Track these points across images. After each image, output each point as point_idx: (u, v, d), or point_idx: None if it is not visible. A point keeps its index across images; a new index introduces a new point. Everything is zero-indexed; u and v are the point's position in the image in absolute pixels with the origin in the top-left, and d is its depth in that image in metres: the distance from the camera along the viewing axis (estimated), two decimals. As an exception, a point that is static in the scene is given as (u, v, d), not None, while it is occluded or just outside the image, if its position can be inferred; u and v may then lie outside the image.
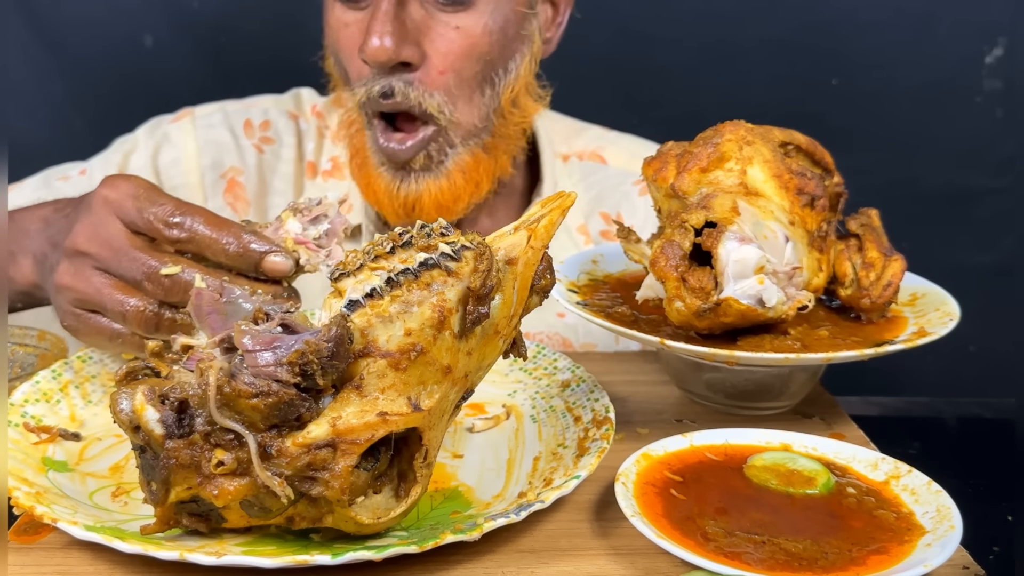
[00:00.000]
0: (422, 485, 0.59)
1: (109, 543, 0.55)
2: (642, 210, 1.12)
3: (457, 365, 0.57)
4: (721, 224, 0.70)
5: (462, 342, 0.57)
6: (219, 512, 0.57)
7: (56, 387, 0.75)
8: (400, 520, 0.59)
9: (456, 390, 0.59)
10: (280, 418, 0.54)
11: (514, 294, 0.59)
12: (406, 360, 0.55)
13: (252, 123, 1.16)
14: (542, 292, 0.62)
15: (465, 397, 0.62)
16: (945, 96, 1.59)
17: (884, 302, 0.76)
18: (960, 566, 0.60)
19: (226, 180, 1.13)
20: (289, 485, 0.54)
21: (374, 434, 0.55)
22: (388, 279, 0.56)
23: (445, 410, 0.59)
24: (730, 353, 0.70)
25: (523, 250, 0.59)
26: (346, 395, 0.55)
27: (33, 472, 0.65)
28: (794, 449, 0.67)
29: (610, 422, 0.69)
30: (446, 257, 0.56)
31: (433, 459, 0.60)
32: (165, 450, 0.55)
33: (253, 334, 0.55)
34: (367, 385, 0.55)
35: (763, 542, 0.57)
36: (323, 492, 0.54)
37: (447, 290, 0.56)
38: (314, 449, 0.54)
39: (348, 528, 0.57)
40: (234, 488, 0.54)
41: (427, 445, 0.58)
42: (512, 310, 0.59)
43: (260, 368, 0.53)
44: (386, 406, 0.55)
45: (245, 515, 0.56)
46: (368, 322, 0.55)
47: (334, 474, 0.54)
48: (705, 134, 0.78)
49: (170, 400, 0.55)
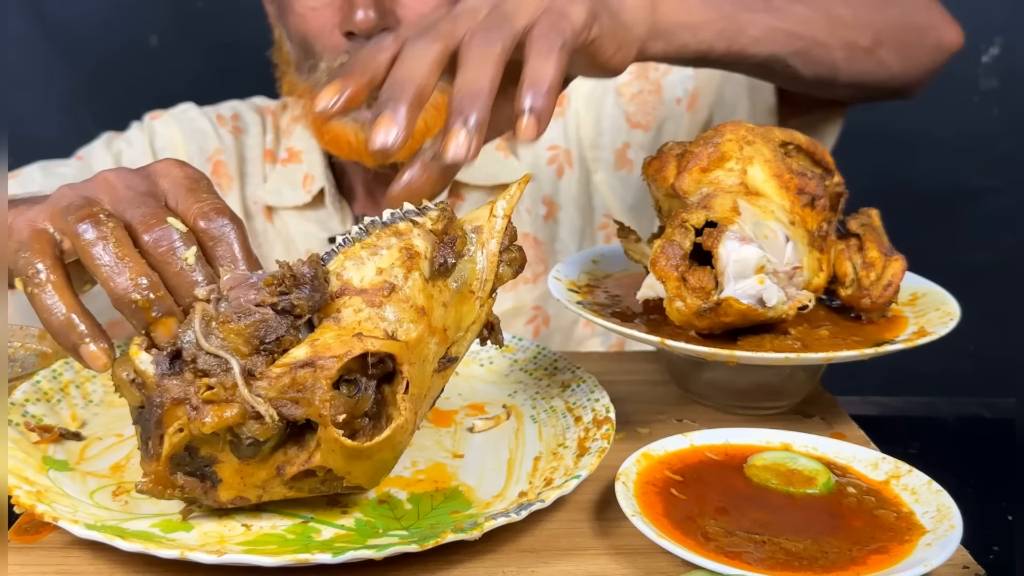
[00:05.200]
0: (405, 418, 0.58)
1: (110, 541, 0.55)
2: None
3: (432, 311, 0.60)
4: (721, 224, 0.70)
5: (434, 288, 0.61)
6: (213, 470, 0.58)
7: (57, 387, 0.75)
8: (385, 450, 0.59)
9: (435, 341, 0.61)
10: (260, 339, 0.56)
11: (483, 258, 0.63)
12: (380, 296, 0.59)
13: (223, 116, 1.25)
14: (513, 264, 0.65)
15: (450, 360, 0.63)
16: (943, 95, 1.59)
17: (884, 302, 0.76)
18: (960, 566, 0.60)
19: (212, 163, 1.21)
20: (272, 412, 0.56)
21: (350, 350, 0.57)
22: (358, 229, 0.61)
23: (425, 357, 0.60)
24: (730, 353, 0.70)
25: (487, 219, 0.64)
26: (325, 326, 0.58)
27: (34, 471, 0.65)
28: (794, 449, 0.67)
29: (610, 422, 0.70)
30: (411, 212, 0.62)
31: (415, 395, 0.60)
32: (158, 388, 0.56)
33: (234, 275, 0.59)
34: (344, 318, 0.58)
35: (763, 542, 0.57)
36: (306, 413, 0.56)
37: (414, 237, 0.60)
38: (295, 369, 0.56)
39: (335, 462, 0.58)
40: (222, 416, 0.55)
41: (407, 378, 0.58)
42: (484, 274, 0.63)
43: (240, 299, 0.57)
44: (363, 330, 0.58)
45: (238, 470, 0.58)
46: (341, 265, 0.60)
47: (314, 392, 0.56)
48: (706, 134, 0.78)
49: (163, 347, 0.58)
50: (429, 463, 0.70)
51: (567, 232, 1.21)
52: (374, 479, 0.62)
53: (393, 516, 0.63)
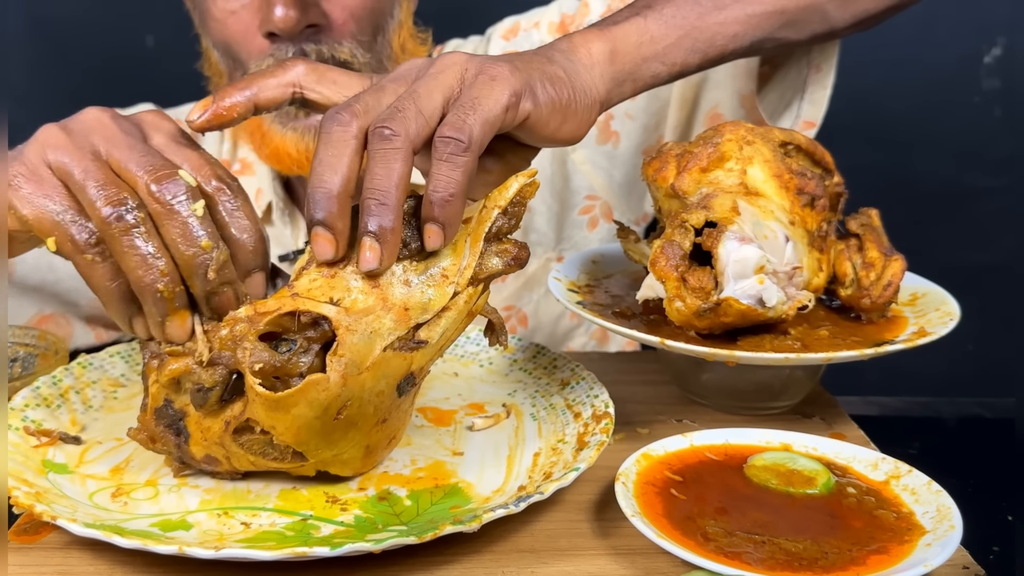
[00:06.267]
0: (328, 377, 0.59)
1: (108, 539, 0.55)
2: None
3: (391, 287, 0.61)
4: (721, 224, 0.70)
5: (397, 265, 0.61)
6: (184, 424, 0.63)
7: (56, 392, 0.75)
8: (300, 403, 0.59)
9: (391, 318, 0.60)
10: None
11: (466, 247, 0.63)
12: (336, 268, 0.61)
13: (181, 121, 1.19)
14: (504, 255, 0.64)
15: (418, 343, 0.62)
16: (944, 95, 1.59)
17: (884, 302, 0.76)
18: (960, 566, 0.60)
19: None
20: (216, 363, 0.60)
21: (280, 307, 0.59)
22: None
23: (375, 329, 0.60)
24: (730, 353, 0.70)
25: (477, 210, 0.64)
26: (281, 291, 0.61)
27: (33, 474, 0.65)
28: (794, 449, 0.67)
29: (609, 416, 0.70)
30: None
31: (351, 360, 0.59)
32: (143, 347, 0.63)
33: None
34: (298, 283, 0.61)
35: (763, 542, 0.57)
36: (235, 363, 0.60)
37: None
38: (236, 324, 0.60)
39: (258, 413, 0.60)
40: (176, 365, 0.62)
41: (339, 340, 0.59)
42: (464, 261, 0.63)
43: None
44: (303, 294, 0.60)
45: (198, 423, 0.63)
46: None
47: (245, 342, 0.59)
48: (705, 134, 0.78)
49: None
50: (429, 461, 0.70)
51: (543, 220, 1.14)
52: (306, 444, 0.61)
53: (392, 512, 0.63)
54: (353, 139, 0.58)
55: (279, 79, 0.64)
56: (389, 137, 0.57)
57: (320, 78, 0.65)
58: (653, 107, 1.11)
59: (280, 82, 0.64)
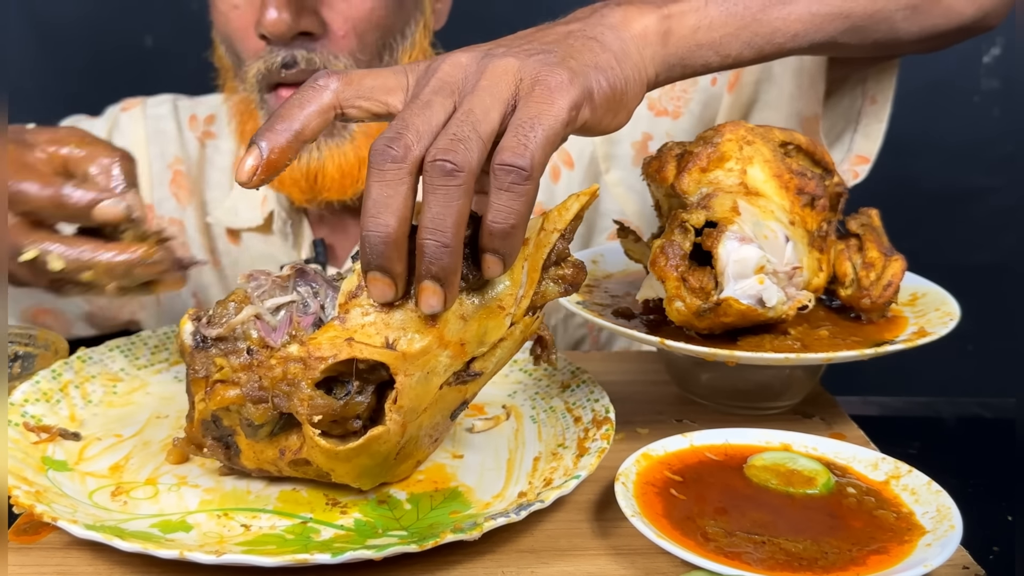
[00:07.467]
0: (388, 428, 0.58)
1: (109, 542, 0.55)
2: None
3: (446, 324, 0.58)
4: (721, 224, 0.70)
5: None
6: (235, 440, 0.63)
7: (56, 387, 0.75)
8: (362, 456, 0.59)
9: (448, 354, 0.58)
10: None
11: (523, 274, 0.60)
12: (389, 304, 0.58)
13: (197, 117, 1.18)
14: (561, 281, 0.63)
15: (472, 375, 0.61)
16: (944, 96, 1.59)
17: (884, 302, 0.76)
18: (960, 566, 0.60)
19: (172, 171, 1.15)
20: (268, 400, 0.59)
21: (337, 355, 0.57)
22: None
23: (432, 369, 0.58)
24: (730, 353, 0.70)
25: (535, 231, 0.61)
26: (329, 325, 0.59)
27: (33, 471, 0.65)
28: (794, 449, 0.67)
29: (610, 422, 0.69)
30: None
31: (409, 407, 0.59)
32: (189, 359, 0.62)
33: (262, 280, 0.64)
34: (350, 319, 0.58)
35: (763, 542, 0.57)
36: (289, 407, 0.58)
37: None
38: (288, 363, 0.58)
39: (317, 458, 0.60)
40: (225, 395, 0.60)
41: (398, 389, 0.58)
42: (521, 290, 0.60)
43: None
44: (359, 337, 0.58)
45: (251, 444, 0.62)
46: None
47: (300, 389, 0.58)
48: (705, 134, 0.78)
49: (207, 318, 0.63)
50: (429, 463, 0.70)
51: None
52: (362, 481, 0.62)
53: (392, 516, 0.63)
54: (408, 176, 0.53)
55: (318, 105, 0.58)
56: (452, 172, 0.52)
57: (358, 91, 0.59)
58: (698, 130, 1.06)
59: (320, 109, 0.58)
